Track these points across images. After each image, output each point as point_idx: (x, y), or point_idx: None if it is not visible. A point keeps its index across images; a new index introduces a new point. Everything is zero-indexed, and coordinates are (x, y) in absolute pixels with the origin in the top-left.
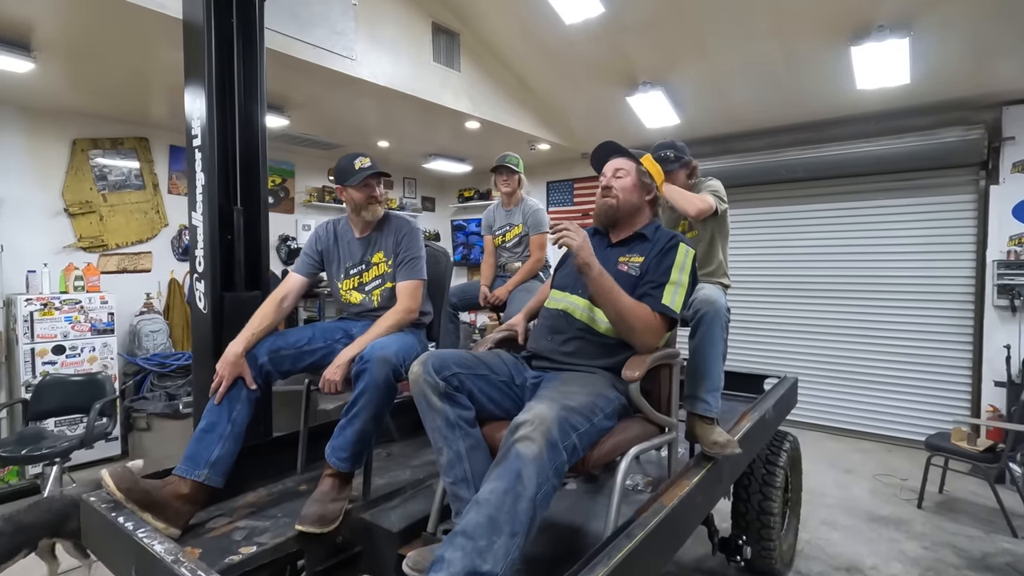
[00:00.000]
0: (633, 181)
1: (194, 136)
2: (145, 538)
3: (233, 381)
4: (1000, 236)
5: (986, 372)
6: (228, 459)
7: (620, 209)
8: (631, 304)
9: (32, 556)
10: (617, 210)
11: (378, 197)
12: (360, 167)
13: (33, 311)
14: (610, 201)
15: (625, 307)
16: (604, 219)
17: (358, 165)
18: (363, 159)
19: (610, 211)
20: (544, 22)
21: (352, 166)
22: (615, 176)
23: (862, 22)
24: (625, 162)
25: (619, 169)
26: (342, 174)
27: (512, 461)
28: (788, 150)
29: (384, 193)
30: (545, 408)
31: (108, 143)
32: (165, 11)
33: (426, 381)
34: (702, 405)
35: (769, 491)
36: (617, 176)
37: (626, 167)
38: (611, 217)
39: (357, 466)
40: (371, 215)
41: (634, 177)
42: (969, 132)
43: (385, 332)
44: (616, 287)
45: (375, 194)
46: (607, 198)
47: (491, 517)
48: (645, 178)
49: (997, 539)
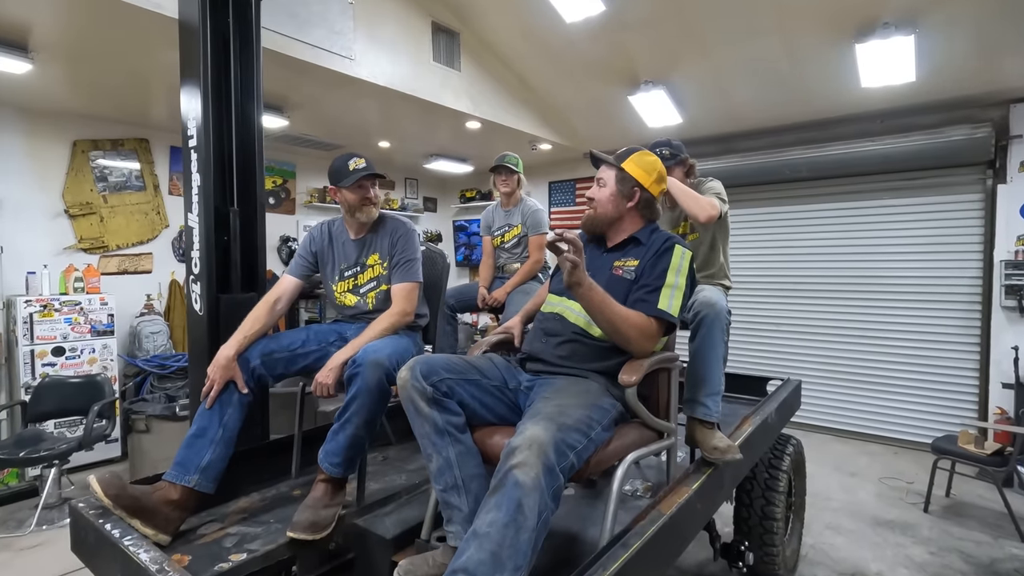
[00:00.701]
0: (611, 191)
1: (190, 137)
2: (131, 546)
3: (225, 385)
4: (1008, 236)
5: (994, 374)
6: (219, 464)
7: (599, 220)
8: (624, 314)
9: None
10: (596, 221)
11: (372, 199)
12: (354, 168)
13: (33, 312)
14: (589, 212)
15: (619, 318)
16: (588, 229)
17: (352, 166)
18: (357, 160)
19: (590, 222)
20: (544, 21)
21: (346, 167)
22: (597, 185)
23: (867, 19)
24: (605, 171)
25: (599, 179)
26: (336, 175)
27: (511, 490)
28: (792, 149)
29: (380, 195)
30: (540, 430)
31: (108, 144)
32: (162, 11)
33: (414, 387)
34: (702, 409)
35: (772, 496)
36: (599, 186)
37: (605, 176)
38: (593, 228)
39: (350, 471)
40: (365, 216)
41: (612, 187)
42: (976, 130)
43: (379, 335)
44: (607, 299)
45: (369, 196)
46: (589, 208)
47: (494, 553)
48: (624, 185)
49: (1005, 544)
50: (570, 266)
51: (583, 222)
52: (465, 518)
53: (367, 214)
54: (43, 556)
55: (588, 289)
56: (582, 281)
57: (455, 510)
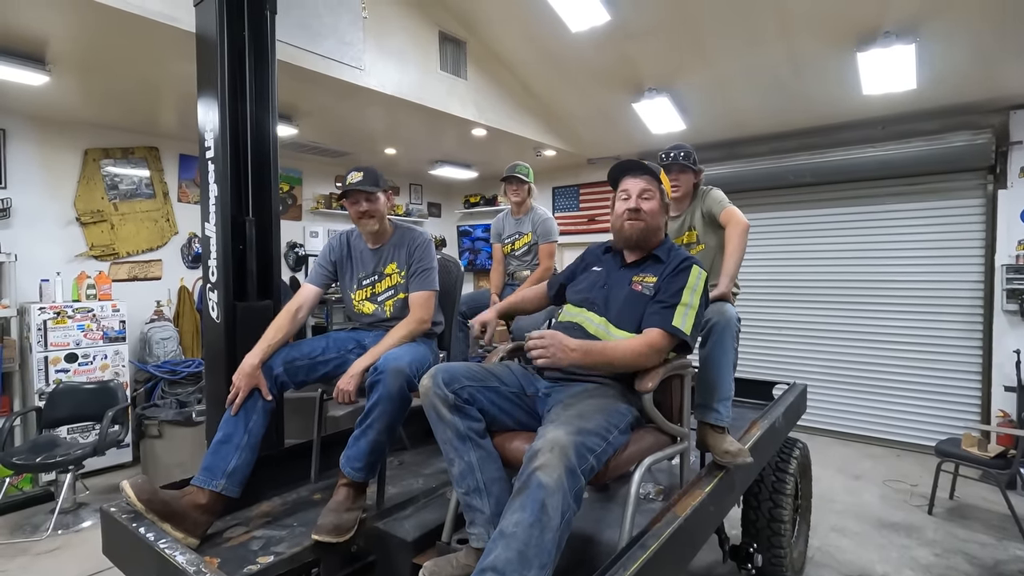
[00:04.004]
0: (659, 204)
1: (207, 148)
2: (167, 549)
3: (249, 392)
4: (1009, 240)
5: (996, 377)
6: (245, 469)
7: (648, 232)
8: (623, 350)
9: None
10: (646, 233)
11: (368, 211)
12: (350, 182)
13: (46, 319)
14: (639, 225)
15: (622, 358)
16: (633, 242)
17: (349, 180)
18: (355, 174)
19: (640, 234)
20: (550, 30)
21: (346, 180)
22: (642, 198)
23: (868, 28)
24: (651, 182)
25: (646, 190)
26: (343, 189)
27: (535, 491)
28: (795, 155)
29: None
30: (562, 433)
31: (119, 153)
32: (178, 24)
33: (436, 394)
34: (713, 415)
35: (779, 498)
36: (645, 198)
37: (652, 188)
38: (639, 241)
39: (371, 476)
40: (365, 229)
41: (659, 199)
42: (977, 136)
43: (398, 342)
44: (606, 349)
45: (362, 209)
46: (636, 221)
47: (521, 552)
48: (665, 197)
49: (1009, 546)
50: (551, 357)
51: (624, 233)
52: (487, 520)
53: (364, 227)
54: (61, 560)
55: (583, 355)
56: (569, 357)
57: (477, 512)
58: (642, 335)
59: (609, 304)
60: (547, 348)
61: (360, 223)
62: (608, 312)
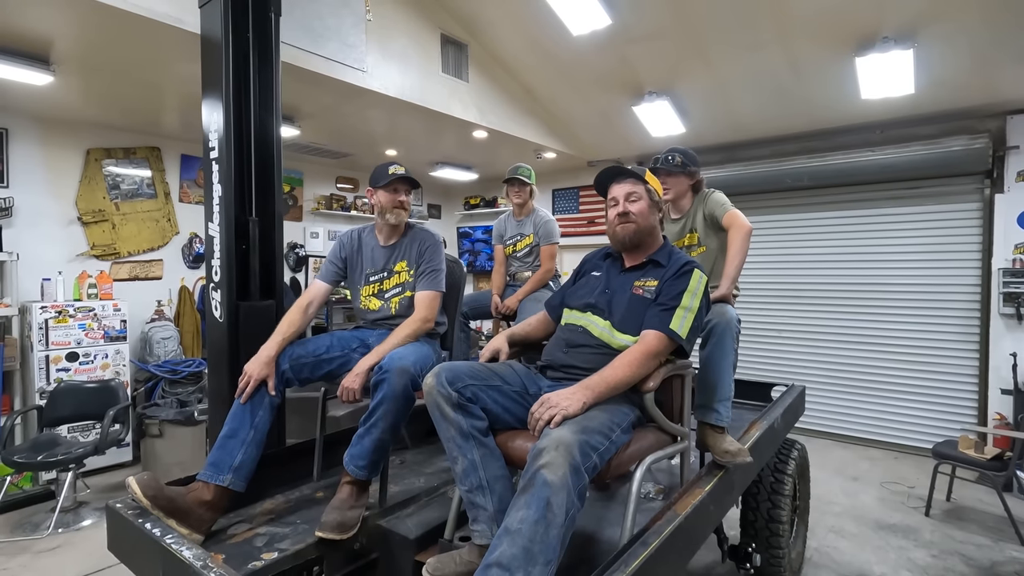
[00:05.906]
0: (647, 203)
1: (211, 148)
2: (173, 544)
3: (257, 386)
4: (1006, 244)
5: (993, 380)
6: (250, 464)
7: (640, 232)
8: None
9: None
10: (638, 234)
11: (404, 203)
12: (392, 172)
13: (48, 318)
14: (630, 227)
15: (624, 376)
16: (627, 244)
17: (391, 171)
18: (397, 167)
19: (633, 236)
20: (551, 33)
21: (386, 171)
22: (629, 201)
23: (866, 33)
24: (635, 185)
25: (631, 193)
26: (376, 178)
27: (540, 489)
28: (793, 158)
29: (409, 201)
30: (566, 432)
31: (121, 153)
32: (183, 26)
33: (439, 393)
34: (713, 415)
35: (778, 499)
36: (632, 200)
37: (638, 190)
38: (633, 242)
39: (375, 474)
40: (395, 219)
41: (646, 199)
42: (974, 141)
43: (402, 342)
44: (605, 377)
45: (401, 198)
46: (627, 224)
47: (526, 548)
48: (654, 196)
49: (1006, 547)
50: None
51: (618, 237)
52: (490, 517)
53: (397, 216)
54: (61, 559)
55: (585, 391)
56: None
57: (480, 510)
58: (638, 343)
59: (613, 308)
60: (551, 408)
61: (393, 212)
62: (612, 316)
